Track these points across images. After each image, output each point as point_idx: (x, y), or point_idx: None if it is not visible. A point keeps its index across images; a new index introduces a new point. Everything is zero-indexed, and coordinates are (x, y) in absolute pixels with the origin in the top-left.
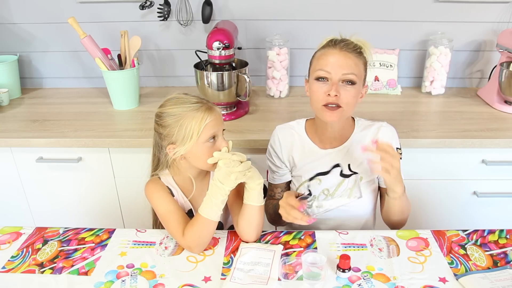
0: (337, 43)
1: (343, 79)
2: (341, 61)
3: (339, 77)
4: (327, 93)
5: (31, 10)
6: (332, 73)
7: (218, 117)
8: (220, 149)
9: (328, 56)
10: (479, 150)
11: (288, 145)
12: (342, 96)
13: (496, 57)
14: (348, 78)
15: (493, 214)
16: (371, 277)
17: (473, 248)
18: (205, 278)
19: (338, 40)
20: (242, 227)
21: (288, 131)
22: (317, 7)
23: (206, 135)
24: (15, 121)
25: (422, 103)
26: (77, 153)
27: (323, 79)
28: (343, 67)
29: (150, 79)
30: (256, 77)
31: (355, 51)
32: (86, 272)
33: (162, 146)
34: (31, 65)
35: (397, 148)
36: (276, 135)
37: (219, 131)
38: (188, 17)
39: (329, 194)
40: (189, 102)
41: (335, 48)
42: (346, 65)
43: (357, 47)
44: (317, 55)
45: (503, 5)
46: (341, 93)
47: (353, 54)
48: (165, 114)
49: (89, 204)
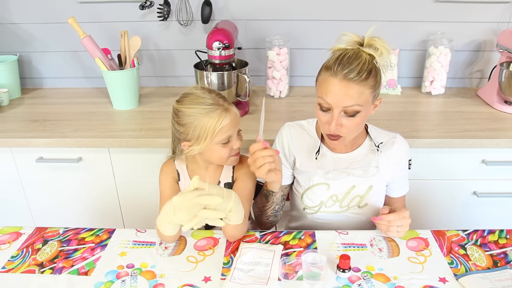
0: (340, 69)
1: (345, 111)
2: (342, 93)
3: (339, 109)
4: (329, 123)
5: (31, 10)
6: (332, 105)
7: (234, 118)
8: (234, 148)
9: (329, 85)
10: (479, 150)
11: (297, 144)
12: (344, 127)
13: (496, 57)
14: (350, 110)
15: (493, 214)
16: (371, 277)
17: (473, 248)
18: (205, 278)
19: (342, 64)
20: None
21: (299, 129)
22: (317, 7)
23: (220, 137)
24: (15, 121)
25: (422, 103)
26: (77, 153)
27: (323, 109)
28: (344, 100)
29: (150, 79)
30: (256, 77)
31: (360, 77)
32: (86, 272)
33: (179, 140)
34: (31, 65)
35: (409, 160)
36: (286, 132)
37: (234, 133)
38: (188, 17)
39: (337, 200)
40: (205, 104)
41: (336, 77)
42: (348, 97)
43: (363, 72)
44: (320, 77)
45: (503, 5)
46: (343, 124)
47: (357, 82)
48: (181, 113)
49: (89, 204)
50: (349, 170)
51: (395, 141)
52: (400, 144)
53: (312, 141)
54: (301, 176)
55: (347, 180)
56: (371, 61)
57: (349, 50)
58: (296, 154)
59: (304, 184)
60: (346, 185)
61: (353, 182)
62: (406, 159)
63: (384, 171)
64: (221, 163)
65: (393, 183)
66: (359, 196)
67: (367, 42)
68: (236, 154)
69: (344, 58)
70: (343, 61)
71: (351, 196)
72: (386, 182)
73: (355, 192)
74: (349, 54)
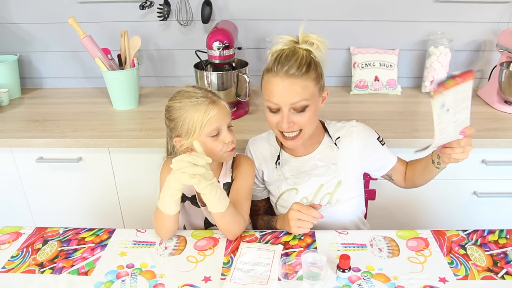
0: (280, 67)
1: (294, 108)
2: (287, 90)
3: (288, 107)
4: (281, 123)
5: (31, 10)
6: (280, 104)
7: (222, 110)
8: (225, 142)
9: (273, 86)
10: (479, 150)
11: (261, 158)
12: (296, 124)
13: (496, 57)
14: (298, 106)
15: (493, 214)
16: (371, 277)
17: (473, 248)
18: (205, 278)
19: (281, 63)
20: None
21: (260, 142)
22: (317, 7)
23: (209, 129)
24: (15, 121)
25: (422, 103)
26: (77, 153)
27: (273, 110)
28: (290, 97)
29: (150, 79)
30: (256, 77)
31: (301, 71)
32: (86, 272)
33: (171, 137)
34: (31, 65)
35: (377, 138)
36: (250, 149)
37: (223, 125)
38: (188, 17)
39: (308, 201)
40: (194, 97)
41: (278, 76)
42: (294, 93)
43: (302, 66)
44: (264, 81)
45: (503, 5)
46: (295, 121)
47: (298, 77)
48: (171, 108)
49: (89, 204)
50: (308, 171)
51: (353, 130)
52: (357, 131)
53: (274, 150)
54: (271, 187)
55: (314, 180)
56: (308, 55)
57: (286, 49)
58: (263, 168)
59: (275, 194)
60: (314, 186)
61: (321, 181)
62: (371, 140)
63: (350, 164)
64: (216, 159)
65: (374, 163)
66: (329, 193)
67: (302, 39)
68: (231, 150)
69: (282, 57)
70: (281, 60)
71: (321, 195)
72: (356, 175)
73: (324, 190)
74: (286, 53)
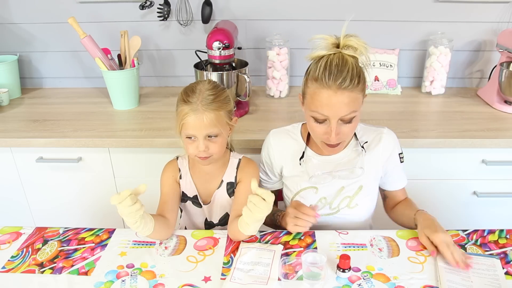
0: (332, 79)
1: (342, 119)
2: (339, 104)
3: (337, 119)
4: (328, 134)
5: (31, 10)
6: (329, 116)
7: (200, 122)
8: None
9: (323, 98)
10: (479, 150)
11: (283, 152)
12: (342, 134)
13: (496, 57)
14: (347, 118)
15: (493, 214)
16: (371, 277)
17: (473, 248)
18: (205, 278)
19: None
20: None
21: (284, 136)
22: (317, 7)
23: (184, 132)
24: (15, 121)
25: (422, 103)
26: (77, 153)
27: (319, 121)
28: (341, 110)
29: (150, 79)
30: (256, 77)
31: (353, 84)
32: (86, 272)
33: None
34: (31, 65)
35: (399, 154)
36: (271, 141)
37: (198, 134)
38: (188, 17)
39: (327, 202)
40: (188, 96)
41: (330, 89)
42: (345, 106)
43: (354, 78)
44: (310, 90)
45: (503, 5)
46: (341, 131)
47: (351, 90)
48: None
49: (89, 204)
50: (334, 173)
51: (382, 137)
52: (387, 139)
53: (298, 145)
54: (289, 182)
55: (336, 182)
56: (356, 64)
57: (332, 56)
58: (283, 163)
59: (293, 189)
60: (334, 187)
61: (342, 184)
62: (396, 154)
63: (374, 169)
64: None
65: (386, 177)
66: (348, 197)
67: (344, 42)
68: (202, 158)
69: (332, 67)
70: (332, 70)
71: (341, 197)
72: (377, 180)
73: (344, 193)
74: (335, 61)
